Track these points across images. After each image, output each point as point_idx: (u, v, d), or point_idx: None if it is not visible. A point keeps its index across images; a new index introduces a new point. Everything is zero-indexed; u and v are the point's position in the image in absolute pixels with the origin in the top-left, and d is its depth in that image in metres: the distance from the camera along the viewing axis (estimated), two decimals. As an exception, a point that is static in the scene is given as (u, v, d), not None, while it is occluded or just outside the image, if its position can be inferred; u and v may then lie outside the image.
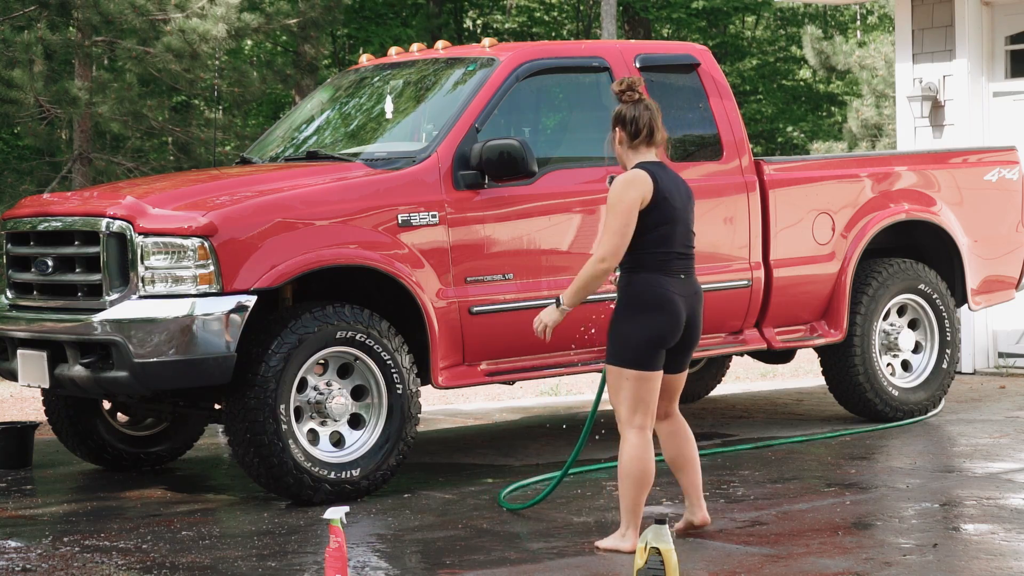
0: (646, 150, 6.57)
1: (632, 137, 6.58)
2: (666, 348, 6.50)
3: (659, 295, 6.44)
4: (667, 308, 6.45)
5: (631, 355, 6.45)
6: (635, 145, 6.58)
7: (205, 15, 17.76)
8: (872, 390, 9.88)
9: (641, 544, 5.64)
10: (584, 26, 33.20)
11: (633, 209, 6.37)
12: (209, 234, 7.47)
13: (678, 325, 6.49)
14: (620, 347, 6.47)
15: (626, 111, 6.58)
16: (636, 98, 6.57)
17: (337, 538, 5.84)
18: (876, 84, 22.00)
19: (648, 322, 6.44)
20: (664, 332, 6.46)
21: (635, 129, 6.57)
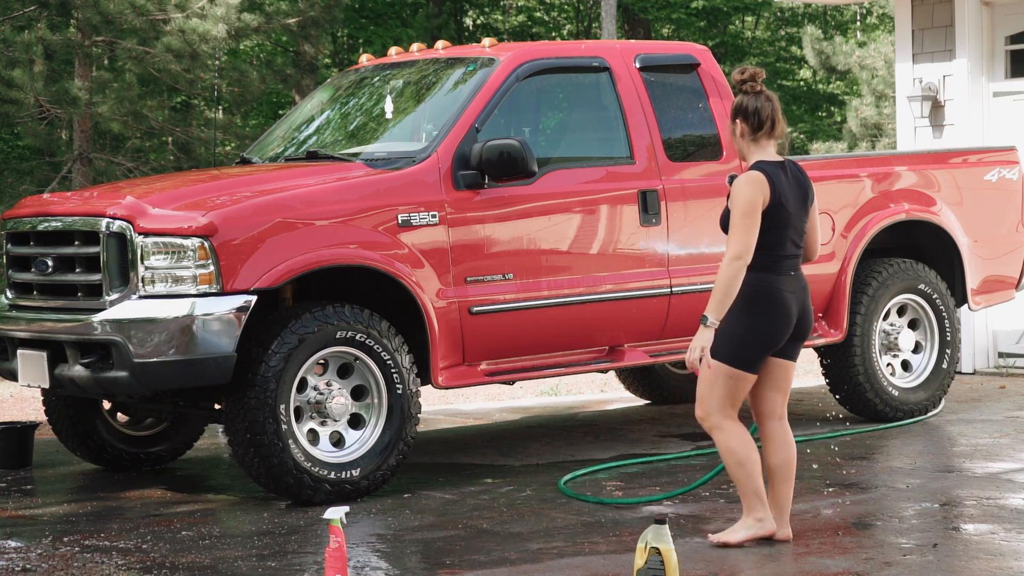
0: (767, 142, 6.54)
1: (755, 129, 6.53)
2: (775, 348, 6.50)
3: (772, 296, 6.43)
4: (780, 309, 6.45)
5: (738, 353, 6.44)
6: (757, 138, 6.54)
7: (205, 15, 17.77)
8: (872, 390, 9.88)
9: (641, 544, 5.64)
10: (584, 26, 33.20)
11: (758, 207, 6.36)
12: (209, 234, 7.47)
13: (789, 325, 6.49)
14: (728, 344, 6.43)
15: (748, 102, 6.51)
16: (757, 89, 6.52)
17: (337, 538, 5.84)
18: (876, 84, 22.00)
19: (759, 323, 6.44)
20: (775, 333, 6.47)
21: (758, 121, 6.52)
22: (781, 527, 6.64)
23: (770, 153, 6.56)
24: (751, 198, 6.36)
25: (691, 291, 8.96)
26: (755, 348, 6.47)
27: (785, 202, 6.44)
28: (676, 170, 9.00)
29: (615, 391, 12.41)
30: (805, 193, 6.58)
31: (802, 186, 6.58)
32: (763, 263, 6.43)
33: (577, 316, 8.58)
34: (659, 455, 9.05)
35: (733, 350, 6.45)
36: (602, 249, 8.66)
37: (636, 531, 6.47)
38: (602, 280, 8.65)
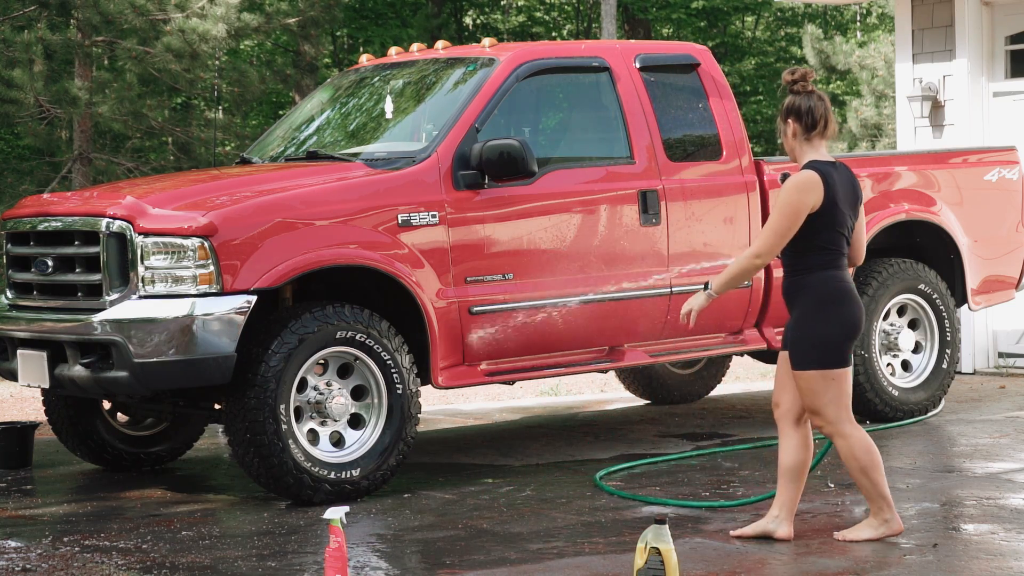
0: (819, 142, 6.54)
1: (808, 129, 6.52)
2: (858, 338, 6.51)
3: (843, 289, 6.45)
4: (854, 299, 6.47)
5: (833, 355, 6.44)
6: (811, 138, 6.54)
7: (205, 15, 17.77)
8: (872, 390, 9.87)
9: (641, 544, 5.64)
10: (584, 26, 33.20)
11: (802, 214, 6.37)
12: (209, 234, 7.47)
13: (863, 314, 6.52)
14: (820, 350, 6.43)
15: (800, 102, 6.50)
16: (809, 89, 6.52)
17: (337, 538, 5.84)
18: (876, 84, 21.99)
19: (842, 318, 6.43)
20: (858, 322, 6.48)
21: (811, 121, 6.51)
22: (785, 526, 6.65)
23: (822, 153, 6.55)
24: (797, 203, 6.36)
25: (691, 291, 8.95)
26: (845, 342, 6.45)
27: (840, 202, 6.44)
28: (676, 170, 9.00)
29: (615, 391, 12.41)
30: (856, 194, 6.59)
31: (853, 186, 6.59)
32: (825, 262, 6.44)
33: (577, 316, 8.58)
34: (691, 452, 9.05)
35: (821, 354, 6.44)
36: (602, 249, 8.66)
37: (636, 531, 6.46)
38: (602, 280, 8.65)
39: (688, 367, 11.35)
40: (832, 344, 6.43)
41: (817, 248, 6.42)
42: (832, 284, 6.43)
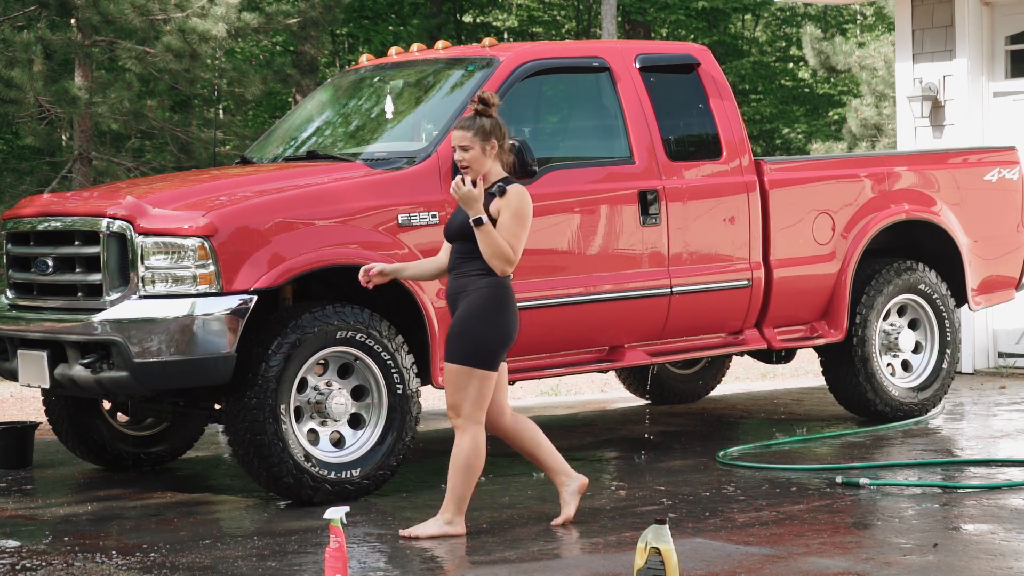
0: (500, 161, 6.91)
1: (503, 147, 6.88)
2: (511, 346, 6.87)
3: (511, 298, 6.80)
4: (515, 309, 6.84)
5: (485, 357, 6.77)
6: (501, 155, 6.89)
7: (205, 15, 17.76)
8: (872, 390, 9.88)
9: (641, 544, 5.64)
10: (584, 26, 33.20)
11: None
12: (209, 234, 7.47)
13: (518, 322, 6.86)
14: (475, 349, 6.74)
15: (502, 123, 6.88)
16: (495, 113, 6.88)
17: (337, 538, 5.84)
18: (876, 84, 21.99)
19: (502, 324, 6.76)
20: (514, 331, 6.84)
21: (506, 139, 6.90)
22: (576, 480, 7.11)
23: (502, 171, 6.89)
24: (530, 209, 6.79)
25: (691, 291, 8.96)
26: (495, 347, 6.80)
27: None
28: (676, 170, 9.00)
29: (615, 391, 12.41)
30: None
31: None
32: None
33: (577, 316, 8.58)
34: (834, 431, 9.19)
35: (474, 353, 6.76)
36: (602, 249, 8.66)
37: (636, 531, 6.47)
38: (602, 280, 8.65)
39: (688, 367, 11.35)
40: (488, 347, 6.75)
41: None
42: (502, 291, 6.77)
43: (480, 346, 6.75)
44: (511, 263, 6.73)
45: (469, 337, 6.75)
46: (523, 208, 6.76)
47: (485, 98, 6.83)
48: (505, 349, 6.84)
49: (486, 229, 6.68)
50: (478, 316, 6.74)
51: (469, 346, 6.75)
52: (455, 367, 6.77)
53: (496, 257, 6.70)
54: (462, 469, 6.84)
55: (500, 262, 6.70)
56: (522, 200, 6.77)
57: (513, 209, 6.74)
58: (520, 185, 6.83)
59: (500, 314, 6.75)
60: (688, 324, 9.05)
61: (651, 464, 8.83)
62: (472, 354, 6.75)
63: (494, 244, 6.68)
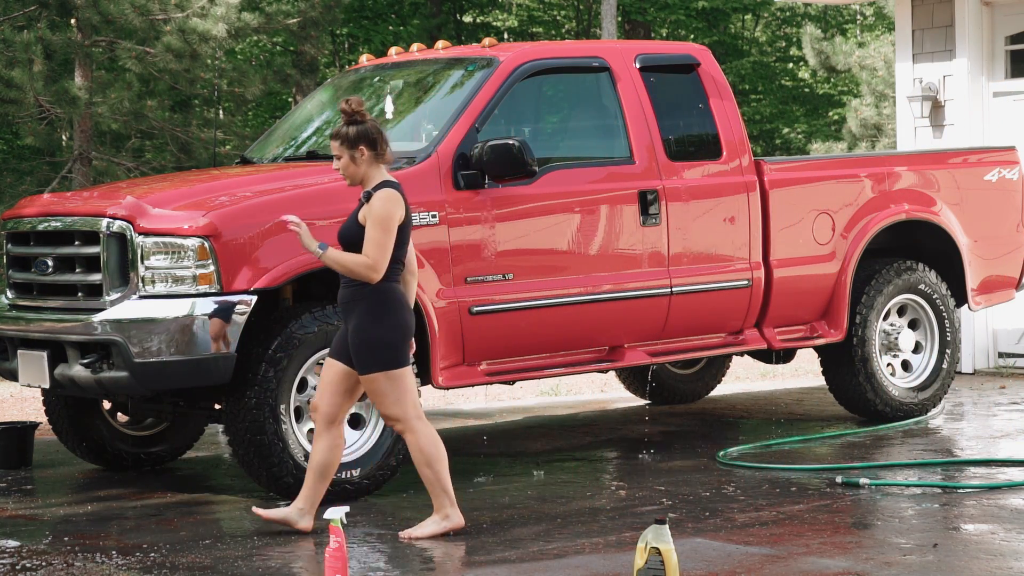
0: (383, 164, 6.92)
1: (383, 149, 6.89)
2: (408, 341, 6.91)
3: (399, 298, 6.88)
4: (406, 305, 6.91)
5: (393, 356, 6.82)
6: (378, 161, 6.89)
7: (205, 15, 17.76)
8: (872, 390, 9.88)
9: (641, 544, 5.64)
10: (584, 26, 33.20)
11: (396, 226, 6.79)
12: (209, 234, 7.47)
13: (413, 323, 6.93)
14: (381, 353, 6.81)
15: (369, 128, 6.89)
16: (368, 117, 6.91)
17: (337, 538, 5.84)
18: (876, 84, 21.99)
19: (397, 322, 6.84)
20: (411, 326, 6.90)
21: (385, 141, 6.91)
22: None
23: (386, 173, 6.93)
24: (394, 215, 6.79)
25: (691, 291, 8.96)
26: (398, 344, 6.85)
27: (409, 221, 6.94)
28: (676, 170, 9.00)
29: (615, 391, 12.41)
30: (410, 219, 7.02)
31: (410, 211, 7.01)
32: (392, 274, 6.85)
33: (577, 316, 8.58)
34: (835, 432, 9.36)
35: (382, 356, 6.81)
36: (602, 249, 8.66)
37: (636, 531, 6.47)
38: (602, 280, 8.65)
39: (688, 367, 11.35)
40: (389, 346, 6.81)
41: (392, 260, 6.81)
42: (385, 295, 6.82)
43: (381, 348, 6.80)
44: (375, 270, 6.75)
45: (368, 345, 6.81)
46: (383, 213, 6.77)
47: (344, 108, 6.91)
48: (406, 343, 6.85)
49: (328, 257, 6.77)
50: (369, 322, 6.81)
51: (372, 353, 6.81)
52: (370, 378, 6.84)
53: (354, 273, 6.77)
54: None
55: (363, 275, 6.76)
56: (385, 205, 6.78)
57: (374, 215, 6.77)
58: (389, 189, 6.82)
59: (389, 315, 6.81)
60: (688, 324, 9.05)
61: (651, 464, 8.83)
62: (378, 359, 6.81)
63: (343, 266, 6.78)
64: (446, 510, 6.92)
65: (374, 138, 6.85)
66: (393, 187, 6.84)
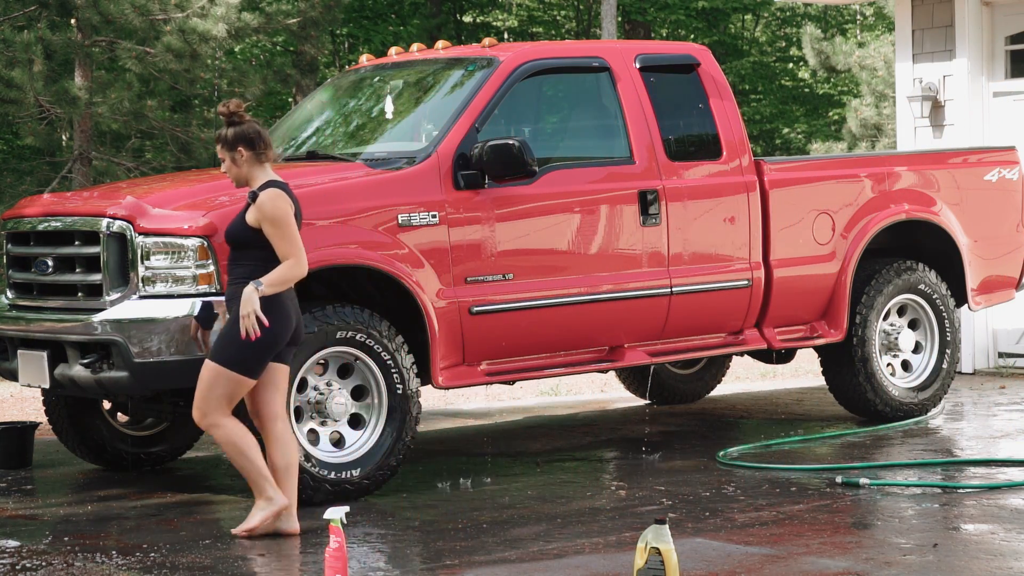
0: (268, 163, 7.02)
1: (264, 150, 6.99)
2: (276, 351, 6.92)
3: (278, 303, 6.85)
4: (285, 315, 6.89)
5: (241, 360, 6.83)
6: (262, 160, 6.99)
7: (205, 15, 17.76)
8: (872, 390, 9.88)
9: (641, 544, 5.64)
10: (584, 26, 33.21)
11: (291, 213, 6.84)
12: (209, 234, 7.47)
13: (290, 329, 6.93)
14: (233, 351, 6.83)
15: (248, 130, 6.98)
16: (247, 118, 7.00)
17: (337, 538, 5.84)
18: (876, 84, 21.99)
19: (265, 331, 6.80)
20: (277, 338, 6.88)
21: (264, 143, 7.00)
22: (291, 522, 6.98)
23: (271, 173, 7.03)
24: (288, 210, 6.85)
25: (691, 291, 8.96)
26: (254, 353, 6.83)
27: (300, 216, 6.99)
28: (676, 170, 9.00)
29: (615, 391, 12.41)
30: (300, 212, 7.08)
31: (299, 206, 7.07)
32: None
33: (577, 316, 8.58)
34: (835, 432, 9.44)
35: (232, 355, 6.83)
36: (602, 249, 8.66)
37: (636, 531, 6.47)
38: (602, 280, 8.65)
39: (688, 367, 11.35)
40: (246, 353, 6.82)
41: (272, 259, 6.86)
42: (270, 298, 6.81)
43: (238, 351, 6.82)
44: (299, 266, 6.84)
45: (229, 341, 6.86)
46: (276, 212, 6.82)
47: (222, 110, 7.01)
48: (267, 354, 6.87)
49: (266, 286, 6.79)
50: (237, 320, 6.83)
51: (228, 349, 6.85)
52: (212, 365, 6.87)
53: (291, 280, 6.84)
54: (240, 456, 6.90)
55: (294, 275, 6.83)
56: (274, 203, 6.83)
57: (268, 218, 6.83)
58: (272, 189, 6.88)
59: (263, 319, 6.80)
60: (688, 324, 9.05)
61: (651, 464, 8.83)
62: (230, 357, 6.83)
63: (281, 283, 6.83)
64: (267, 493, 6.94)
65: (251, 138, 6.96)
66: (278, 186, 6.91)
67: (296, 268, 6.84)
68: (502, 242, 8.31)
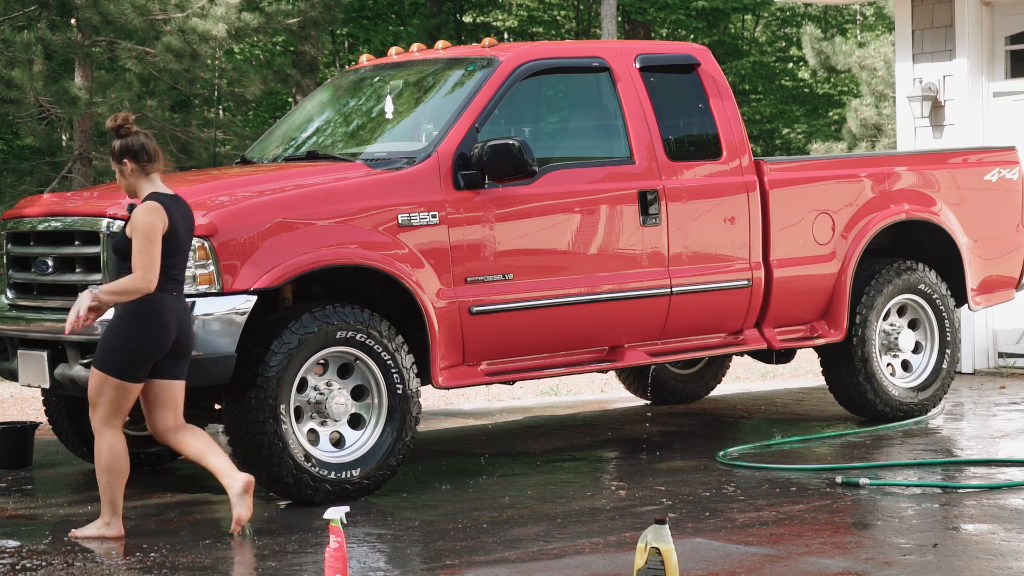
0: (155, 175, 7.08)
1: (148, 163, 7.05)
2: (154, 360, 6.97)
3: (158, 311, 6.93)
4: (163, 323, 6.95)
5: (120, 366, 6.93)
6: (149, 173, 7.06)
7: (205, 15, 17.76)
8: (872, 390, 9.88)
9: (641, 544, 5.64)
10: (584, 26, 33.21)
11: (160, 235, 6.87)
12: (209, 234, 7.47)
13: (168, 340, 6.97)
14: (114, 358, 6.93)
15: (133, 142, 7.03)
16: (134, 130, 7.06)
17: (337, 538, 5.84)
18: (876, 84, 21.99)
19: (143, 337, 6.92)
20: (155, 345, 6.95)
21: (148, 156, 7.05)
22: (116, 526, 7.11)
23: (159, 185, 7.08)
24: (154, 225, 6.87)
25: (691, 291, 8.96)
26: (130, 358, 6.93)
27: (179, 231, 6.97)
28: (676, 170, 9.00)
29: (615, 391, 12.41)
30: (193, 223, 7.13)
31: (191, 217, 7.12)
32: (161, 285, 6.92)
33: (577, 316, 8.58)
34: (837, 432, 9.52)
35: (113, 361, 6.93)
36: (602, 249, 8.66)
37: (636, 531, 6.47)
38: (602, 280, 8.65)
39: (688, 367, 11.35)
40: (121, 358, 6.93)
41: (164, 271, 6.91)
42: (143, 305, 6.90)
43: (115, 356, 6.92)
44: (145, 280, 6.84)
45: (107, 347, 6.96)
46: (142, 225, 6.87)
47: (109, 124, 7.08)
48: (142, 361, 6.94)
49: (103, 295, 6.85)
50: (116, 328, 6.95)
51: (106, 355, 6.95)
52: (95, 372, 6.98)
53: (132, 292, 6.85)
54: (105, 472, 7.03)
55: (138, 288, 6.84)
56: (143, 216, 6.88)
57: (136, 228, 6.89)
58: (150, 202, 6.93)
59: (138, 326, 6.90)
60: (688, 324, 9.05)
61: (651, 464, 8.83)
62: (108, 363, 6.93)
63: (119, 293, 6.87)
64: (107, 518, 7.04)
65: (135, 151, 7.01)
66: (158, 199, 6.94)
67: (139, 282, 6.83)
68: (502, 242, 8.31)
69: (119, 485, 7.05)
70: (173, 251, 6.93)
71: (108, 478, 7.02)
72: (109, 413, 6.98)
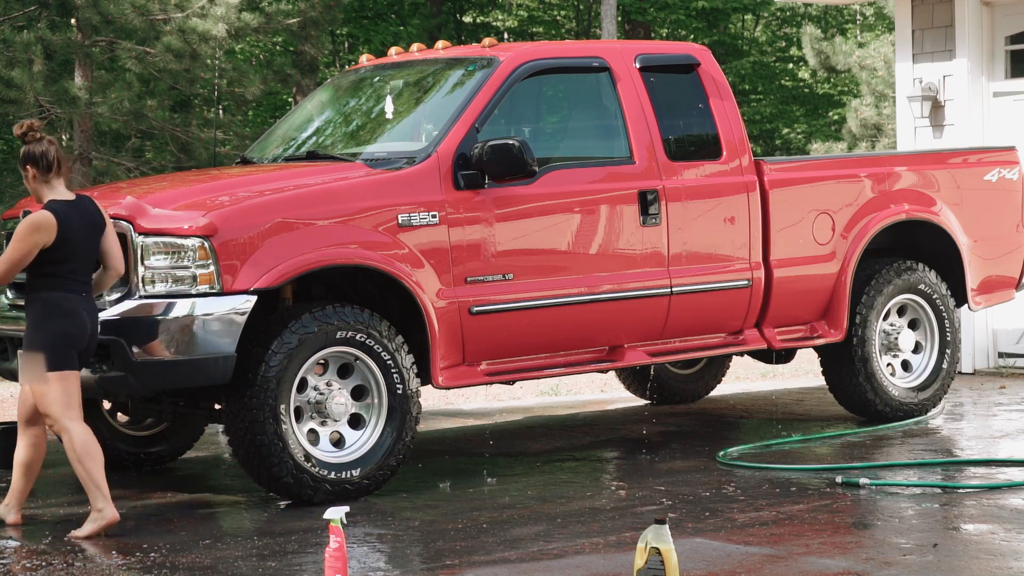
0: (57, 181, 7.18)
1: (46, 172, 7.15)
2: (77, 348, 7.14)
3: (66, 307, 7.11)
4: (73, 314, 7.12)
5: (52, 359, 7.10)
6: (48, 179, 7.16)
7: (205, 15, 17.76)
8: (872, 390, 9.88)
9: (641, 544, 5.64)
10: (584, 26, 33.21)
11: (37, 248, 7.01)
12: (209, 234, 7.47)
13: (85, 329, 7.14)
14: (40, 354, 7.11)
15: (34, 149, 7.19)
16: (39, 136, 7.17)
17: (337, 538, 5.84)
18: (876, 84, 21.99)
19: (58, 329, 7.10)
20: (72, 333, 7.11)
21: (47, 164, 7.15)
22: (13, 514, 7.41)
23: (61, 191, 7.19)
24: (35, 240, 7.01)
25: (691, 291, 8.96)
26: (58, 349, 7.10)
27: (75, 235, 7.09)
28: (676, 170, 9.00)
29: (615, 391, 12.41)
30: (98, 221, 7.22)
31: (95, 217, 7.21)
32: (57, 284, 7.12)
33: (577, 316, 8.58)
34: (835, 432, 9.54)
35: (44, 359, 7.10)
36: (602, 249, 8.66)
37: (636, 531, 6.47)
38: (602, 280, 8.65)
39: (688, 367, 11.35)
40: (49, 349, 7.09)
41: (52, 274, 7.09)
42: (51, 303, 7.10)
43: (43, 351, 7.08)
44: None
45: (33, 348, 7.12)
46: (22, 231, 7.03)
47: (16, 131, 7.19)
48: (68, 349, 7.09)
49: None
50: (33, 327, 7.13)
51: (36, 355, 7.10)
52: (34, 386, 7.15)
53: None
54: (80, 462, 7.10)
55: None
56: (28, 225, 7.04)
57: (14, 235, 7.07)
58: (42, 211, 7.06)
59: (50, 320, 7.08)
60: (688, 324, 9.05)
61: (651, 464, 8.83)
62: (40, 361, 7.08)
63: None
64: (99, 505, 7.11)
65: (35, 158, 7.13)
66: (51, 207, 7.05)
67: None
68: (502, 242, 8.31)
69: (98, 469, 7.13)
70: (67, 257, 7.08)
71: (86, 465, 7.11)
72: (63, 407, 7.08)
